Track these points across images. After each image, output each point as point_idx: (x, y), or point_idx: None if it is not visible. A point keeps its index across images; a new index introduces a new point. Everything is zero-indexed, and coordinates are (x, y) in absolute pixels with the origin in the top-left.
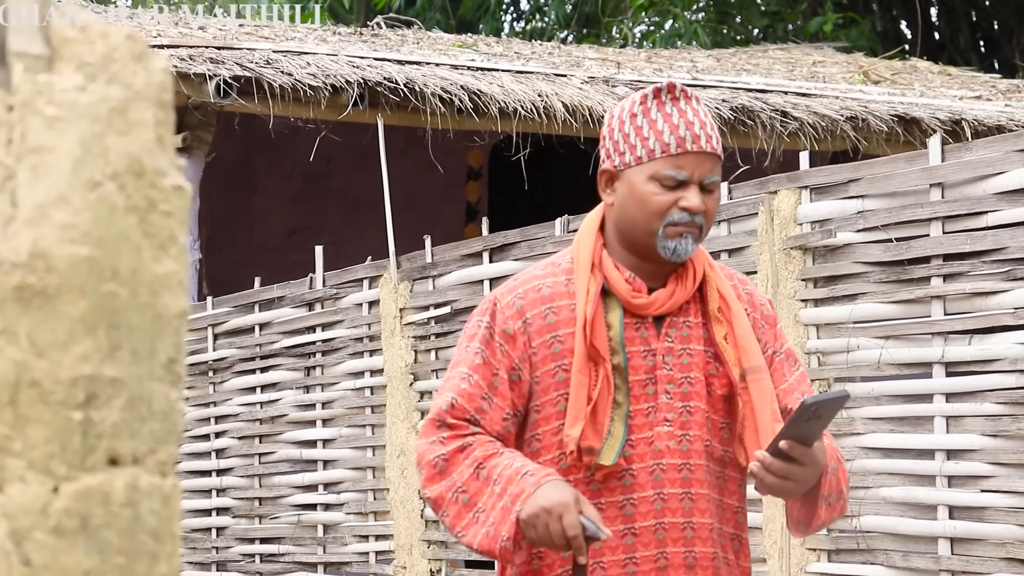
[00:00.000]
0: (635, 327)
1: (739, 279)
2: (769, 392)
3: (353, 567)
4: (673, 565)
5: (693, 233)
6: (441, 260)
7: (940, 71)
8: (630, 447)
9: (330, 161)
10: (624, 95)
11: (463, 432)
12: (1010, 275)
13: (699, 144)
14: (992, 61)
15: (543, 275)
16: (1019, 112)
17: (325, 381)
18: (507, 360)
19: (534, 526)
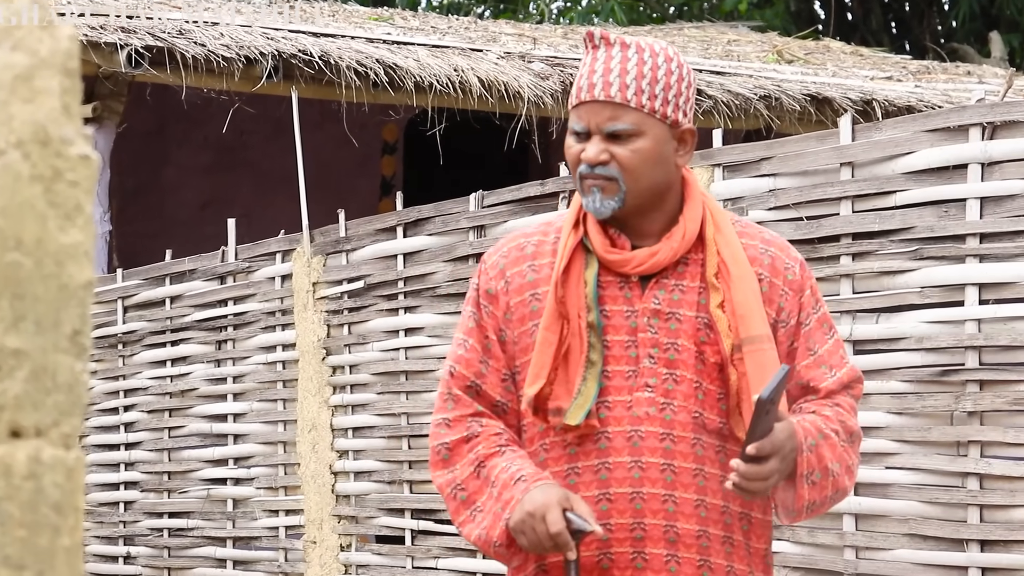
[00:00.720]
0: (618, 286)
1: (766, 240)
2: (771, 365)
3: (263, 542)
4: (651, 537)
5: (601, 186)
6: (355, 234)
7: (852, 51)
8: (606, 408)
9: (243, 133)
10: (540, 71)
11: (467, 412)
12: (917, 254)
13: (592, 93)
14: (903, 42)
15: (532, 232)
16: (929, 93)
17: (236, 355)
18: (493, 321)
19: (522, 532)
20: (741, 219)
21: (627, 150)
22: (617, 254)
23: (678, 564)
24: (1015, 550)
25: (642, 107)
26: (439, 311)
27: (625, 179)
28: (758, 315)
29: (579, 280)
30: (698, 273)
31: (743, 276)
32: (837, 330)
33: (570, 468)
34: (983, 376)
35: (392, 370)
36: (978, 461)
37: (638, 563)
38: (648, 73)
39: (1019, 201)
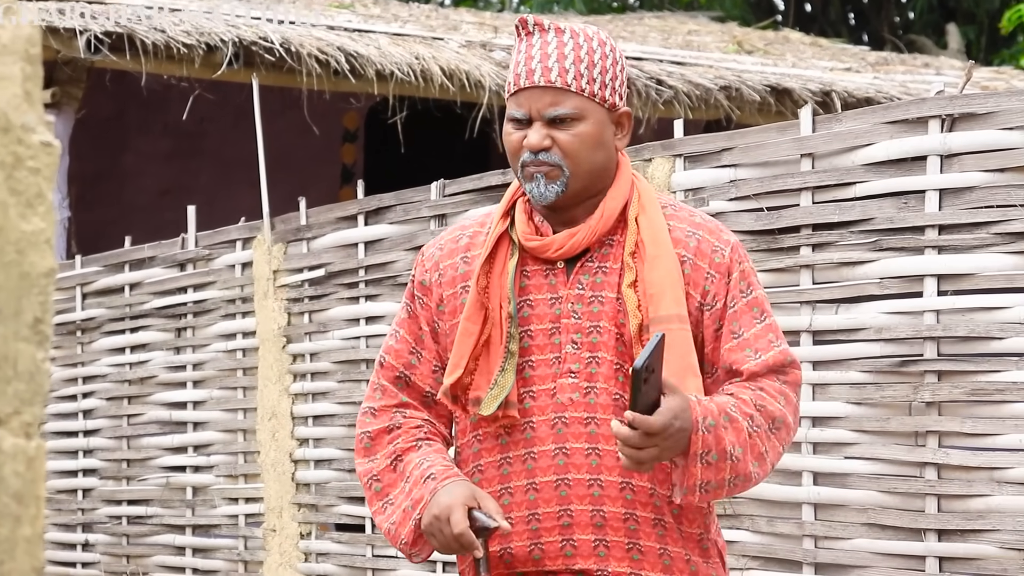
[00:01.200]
0: (543, 274)
1: (695, 223)
2: (678, 345)
3: (222, 530)
4: (579, 523)
5: (544, 172)
6: (316, 222)
7: (811, 42)
8: (531, 399)
9: (203, 120)
10: (501, 60)
11: (392, 403)
12: (876, 245)
13: (532, 79)
14: (861, 34)
15: (469, 225)
16: (887, 84)
17: (196, 342)
18: (426, 312)
19: (432, 535)
20: (676, 203)
21: (569, 135)
22: (537, 240)
23: (607, 548)
24: (972, 540)
25: (582, 91)
26: (400, 300)
27: (568, 164)
28: (670, 296)
29: (503, 271)
30: (621, 254)
31: (659, 256)
32: (771, 315)
33: (503, 458)
34: (941, 367)
35: (353, 358)
36: (936, 451)
37: (567, 551)
38: (585, 57)
39: (978, 193)
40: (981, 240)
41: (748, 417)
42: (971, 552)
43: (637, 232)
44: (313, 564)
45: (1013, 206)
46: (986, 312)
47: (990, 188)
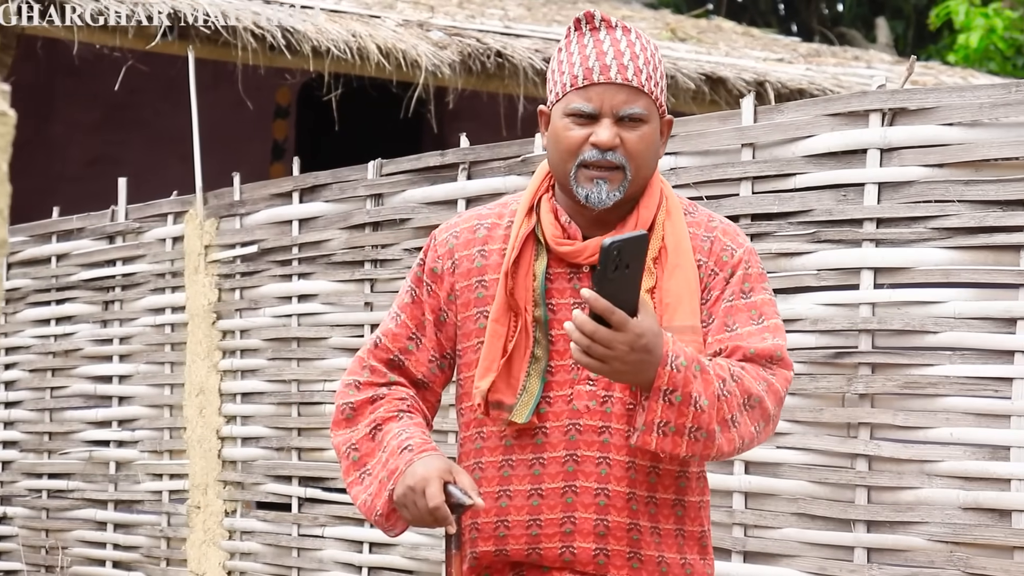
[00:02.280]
0: (567, 277)
1: (711, 227)
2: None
3: (145, 506)
4: (581, 531)
5: (608, 177)
6: (250, 198)
7: (744, 32)
8: (546, 404)
9: (134, 91)
10: (438, 40)
11: (380, 380)
12: (814, 237)
13: (608, 74)
14: (791, 25)
15: (487, 214)
16: (820, 76)
17: (124, 316)
18: (433, 300)
19: (405, 506)
20: (698, 207)
21: (636, 136)
22: (568, 245)
23: (607, 556)
24: (900, 531)
25: (650, 93)
26: (334, 278)
27: (631, 166)
28: (687, 306)
29: (528, 272)
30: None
31: (680, 265)
32: (772, 319)
33: (504, 460)
34: (875, 359)
35: (284, 336)
36: (867, 443)
37: (566, 557)
38: (651, 60)
39: (916, 187)
40: (918, 234)
41: (721, 380)
42: (899, 543)
43: (662, 238)
44: (237, 542)
45: (951, 201)
46: (921, 306)
47: (928, 183)
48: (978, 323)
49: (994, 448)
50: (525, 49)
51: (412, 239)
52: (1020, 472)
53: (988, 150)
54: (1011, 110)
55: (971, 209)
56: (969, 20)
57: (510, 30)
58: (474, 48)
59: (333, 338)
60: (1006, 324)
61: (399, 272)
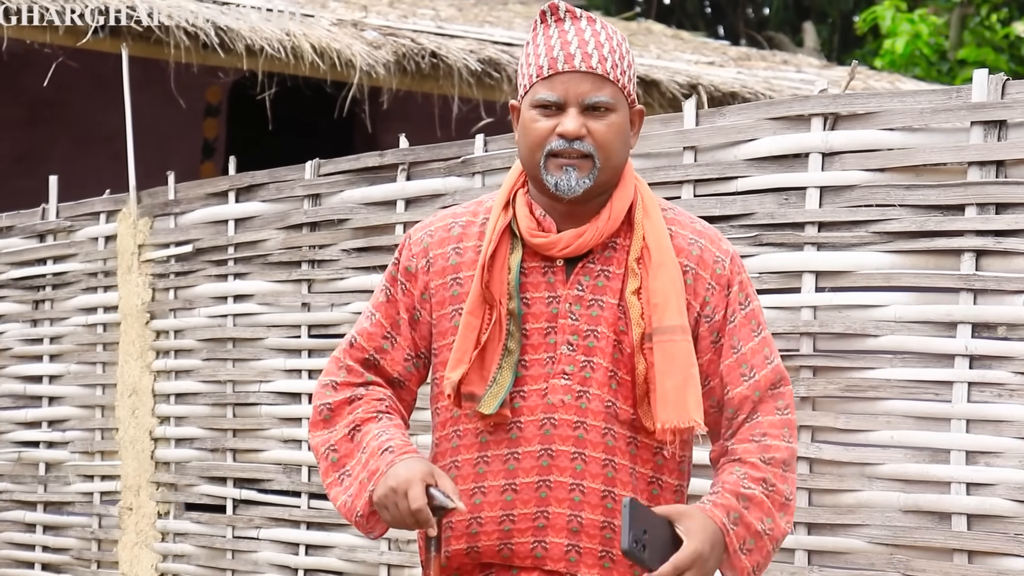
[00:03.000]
0: (542, 271)
1: (697, 231)
2: (680, 356)
3: (75, 507)
4: (553, 526)
5: (577, 165)
6: (184, 197)
7: (673, 35)
8: (520, 398)
9: (62, 88)
10: (373, 40)
11: (357, 380)
12: (756, 240)
13: (572, 63)
14: (717, 28)
15: (462, 213)
16: (752, 80)
17: (54, 315)
18: (408, 299)
19: (385, 507)
20: (674, 207)
21: (603, 124)
22: (543, 237)
23: (579, 554)
24: (841, 533)
25: (616, 81)
26: (270, 278)
27: (599, 155)
28: (674, 305)
29: (503, 265)
30: (625, 258)
31: (664, 264)
32: (766, 327)
33: (480, 456)
34: (817, 362)
35: (219, 336)
36: (808, 445)
37: (537, 552)
38: (617, 49)
39: (858, 191)
40: (860, 238)
41: (761, 482)
42: (840, 546)
43: (643, 238)
44: (170, 544)
45: (892, 206)
46: (862, 310)
47: (870, 187)
48: (919, 327)
49: (934, 451)
50: (460, 50)
51: (350, 239)
52: (959, 475)
53: (929, 155)
54: (951, 115)
55: (912, 213)
56: (895, 26)
57: (443, 30)
58: (409, 48)
59: (269, 339)
60: (946, 328)
61: (337, 273)
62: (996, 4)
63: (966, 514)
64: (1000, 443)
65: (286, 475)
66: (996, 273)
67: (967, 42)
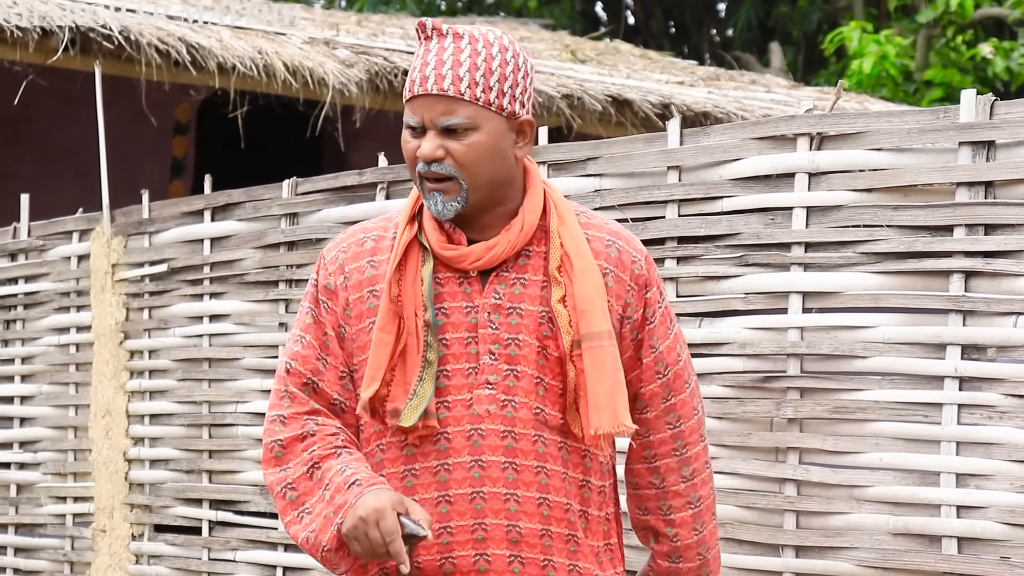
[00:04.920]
0: (457, 282)
1: (612, 232)
2: (609, 362)
3: (48, 529)
4: (493, 538)
5: (442, 189)
6: (159, 216)
7: (641, 55)
8: (445, 409)
9: (28, 106)
10: (345, 58)
11: (303, 409)
12: (742, 260)
13: (425, 86)
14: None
15: (373, 227)
16: (723, 100)
17: (26, 335)
18: (332, 317)
19: (355, 538)
20: (586, 210)
21: (463, 145)
22: (453, 250)
23: (522, 565)
24: (829, 556)
25: (476, 100)
26: (247, 298)
27: (463, 175)
28: (600, 310)
29: (415, 277)
30: (541, 266)
31: (586, 270)
32: (675, 321)
33: (407, 470)
34: (804, 384)
35: (194, 356)
36: (796, 467)
37: (480, 566)
38: (482, 64)
39: (844, 212)
40: (847, 259)
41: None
42: (828, 569)
43: (561, 245)
44: (144, 566)
45: (879, 226)
46: (850, 331)
47: (857, 208)
48: (907, 348)
49: (923, 474)
50: None
51: None
52: (949, 498)
53: (916, 175)
54: (939, 136)
55: (900, 234)
56: (862, 47)
57: (413, 49)
58: (381, 67)
59: (246, 359)
60: (935, 349)
61: None
62: (962, 26)
63: (956, 537)
64: (990, 466)
65: (263, 496)
66: (985, 294)
67: (933, 63)
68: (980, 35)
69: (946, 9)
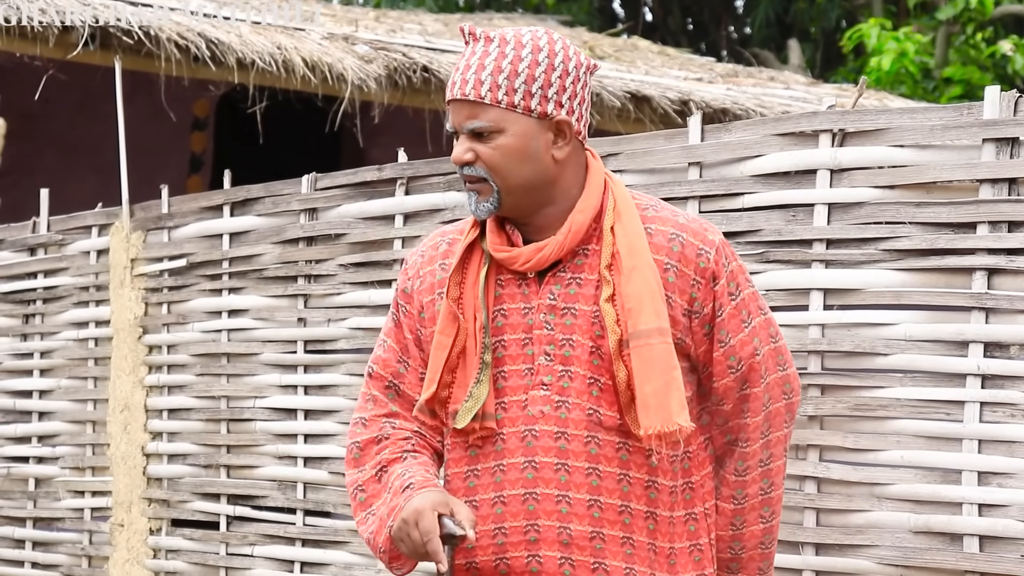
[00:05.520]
0: (516, 283)
1: (680, 227)
2: (660, 360)
3: (66, 523)
4: (546, 540)
5: (477, 190)
6: (178, 211)
7: (659, 51)
8: (502, 410)
9: (48, 101)
10: (364, 54)
11: (382, 412)
12: (763, 257)
13: (453, 92)
14: (700, 45)
15: (450, 231)
16: (742, 96)
17: (45, 330)
18: (410, 320)
19: (401, 540)
20: (656, 203)
21: (489, 148)
22: (506, 252)
23: (572, 567)
24: (850, 554)
25: (498, 103)
26: (266, 293)
27: (494, 178)
28: (650, 308)
29: (476, 280)
30: (597, 265)
31: (637, 267)
32: (758, 314)
33: (470, 470)
34: (825, 381)
35: (213, 351)
36: (817, 465)
37: (533, 567)
38: (507, 67)
39: (867, 209)
40: (869, 256)
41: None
42: (848, 567)
43: (613, 243)
44: (162, 561)
45: (902, 223)
46: (871, 328)
47: (879, 204)
48: (929, 346)
49: (945, 471)
50: (451, 64)
51: (347, 254)
52: (971, 496)
53: (939, 172)
54: (962, 132)
55: (922, 231)
56: (881, 44)
57: (433, 45)
58: (400, 63)
59: (265, 354)
60: (957, 347)
61: (334, 288)
62: (981, 23)
63: (978, 535)
64: (1013, 464)
65: (281, 492)
66: (1008, 292)
67: (952, 60)
68: (1000, 32)
69: (966, 6)
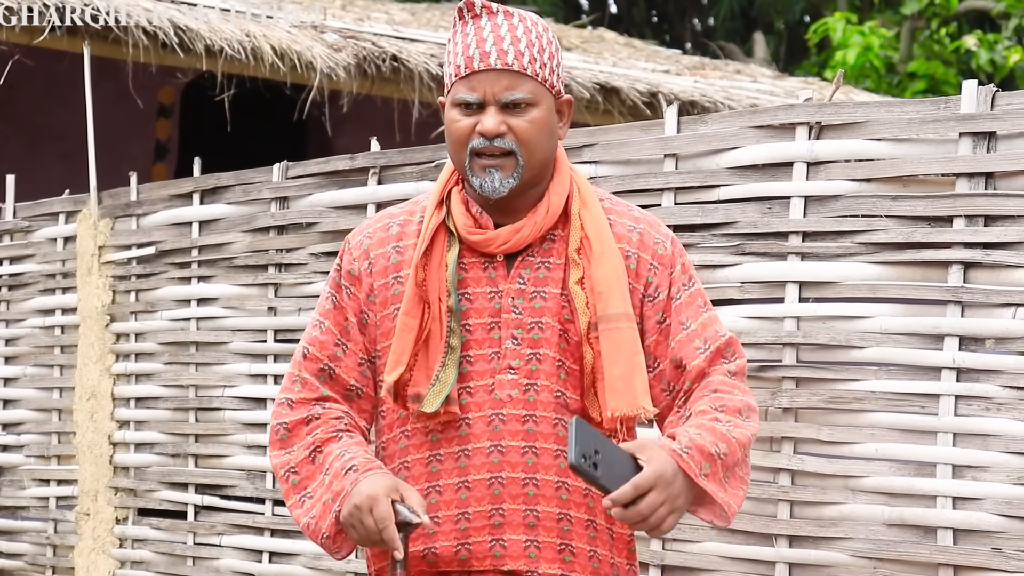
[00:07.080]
0: (482, 267)
1: (635, 217)
2: (627, 344)
3: (30, 512)
4: (510, 523)
5: (499, 165)
6: (147, 199)
7: (626, 43)
8: (467, 394)
9: (12, 87)
10: (334, 42)
11: (312, 396)
12: (739, 249)
13: (488, 61)
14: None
15: (398, 213)
16: (710, 89)
17: (11, 317)
18: (354, 303)
19: (352, 526)
20: (610, 196)
21: (524, 121)
22: (480, 234)
23: (538, 549)
24: (823, 546)
25: (536, 76)
26: (235, 282)
27: (522, 152)
28: (618, 293)
29: (441, 263)
30: (564, 249)
31: (605, 252)
32: (711, 307)
33: (432, 455)
34: (800, 373)
35: (181, 340)
36: (791, 457)
37: (496, 551)
38: (536, 42)
39: (843, 201)
40: (845, 248)
41: (714, 419)
42: (822, 559)
43: (581, 228)
44: (128, 550)
45: (878, 216)
46: (847, 321)
47: (855, 197)
48: (905, 339)
49: (919, 464)
50: (420, 54)
51: (319, 243)
52: (945, 489)
53: (916, 166)
54: (939, 126)
55: (899, 224)
56: (846, 38)
57: (401, 34)
58: (369, 51)
59: (234, 343)
60: (933, 340)
61: (305, 277)
62: (946, 18)
63: (952, 528)
64: (987, 457)
65: (250, 481)
66: (984, 286)
67: (917, 55)
68: (964, 27)
69: (930, 1)
